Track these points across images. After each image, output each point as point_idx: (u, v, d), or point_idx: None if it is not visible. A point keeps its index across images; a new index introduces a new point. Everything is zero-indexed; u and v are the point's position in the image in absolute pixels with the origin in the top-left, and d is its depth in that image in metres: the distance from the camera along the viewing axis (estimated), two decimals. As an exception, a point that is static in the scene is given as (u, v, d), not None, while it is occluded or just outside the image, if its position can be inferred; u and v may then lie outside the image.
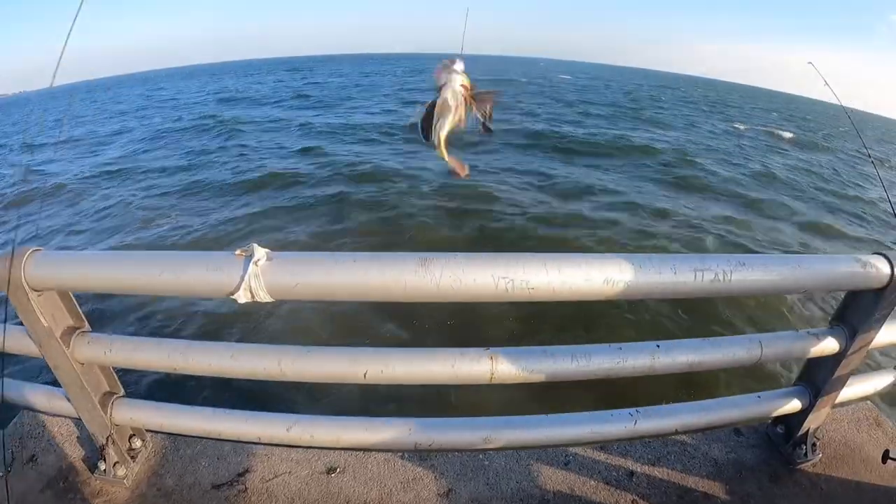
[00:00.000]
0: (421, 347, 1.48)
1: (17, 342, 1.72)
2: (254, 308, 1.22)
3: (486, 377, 1.46)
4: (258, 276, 1.21)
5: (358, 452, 1.88)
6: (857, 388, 1.99)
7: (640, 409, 1.78)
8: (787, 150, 22.87)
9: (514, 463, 1.92)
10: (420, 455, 1.90)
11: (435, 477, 1.84)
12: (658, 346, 1.58)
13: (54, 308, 1.57)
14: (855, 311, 1.66)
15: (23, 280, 1.45)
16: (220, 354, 1.49)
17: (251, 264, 1.21)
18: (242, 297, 1.24)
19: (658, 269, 1.30)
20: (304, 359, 1.45)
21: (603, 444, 2.00)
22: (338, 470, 1.84)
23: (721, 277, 1.33)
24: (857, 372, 1.90)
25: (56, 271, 1.46)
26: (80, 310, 1.63)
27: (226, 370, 1.49)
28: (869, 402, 2.29)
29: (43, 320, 1.53)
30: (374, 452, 1.89)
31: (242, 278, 1.22)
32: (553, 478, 1.89)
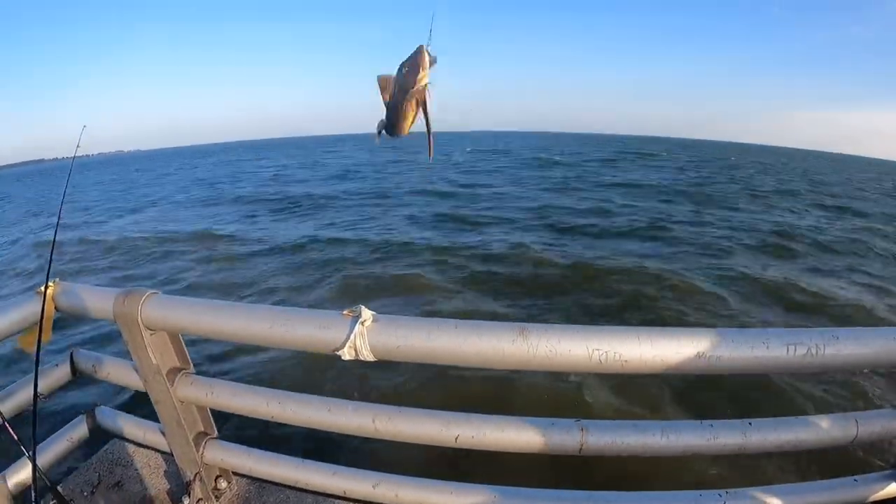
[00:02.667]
0: (512, 416, 1.51)
1: (124, 375, 1.88)
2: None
3: (576, 448, 1.47)
4: (363, 336, 1.29)
5: (437, 516, 1.90)
6: None
7: (729, 490, 1.72)
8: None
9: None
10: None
11: (513, 548, 1.83)
12: (750, 423, 1.53)
13: (164, 348, 1.71)
14: None
15: (139, 318, 1.60)
16: (317, 407, 1.58)
17: (358, 324, 1.30)
18: (347, 355, 1.32)
19: (751, 344, 1.27)
20: (397, 418, 1.51)
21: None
22: (415, 531, 1.86)
23: (814, 352, 1.29)
24: None
25: (170, 314, 1.60)
26: (186, 352, 1.77)
27: (321, 423, 1.57)
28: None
29: (153, 358, 1.68)
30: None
31: (348, 337, 1.30)
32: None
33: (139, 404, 2.25)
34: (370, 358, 1.32)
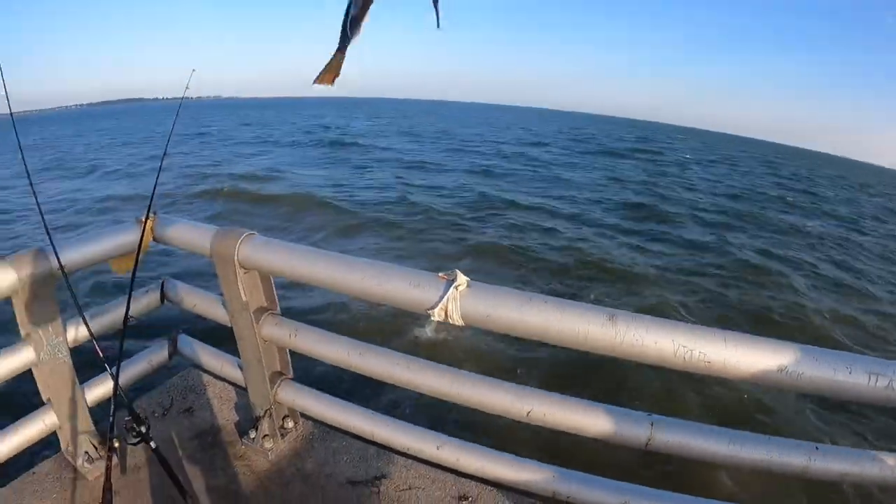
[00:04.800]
0: (585, 399, 1.54)
1: (211, 308, 2.00)
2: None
3: (642, 442, 1.48)
4: (456, 301, 1.34)
5: (491, 488, 1.95)
6: None
7: None
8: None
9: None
10: (551, 505, 1.93)
11: (561, 530, 1.87)
12: (817, 448, 1.51)
13: (254, 287, 1.82)
14: None
15: (235, 257, 1.70)
16: (398, 364, 1.65)
17: (452, 288, 1.34)
18: (437, 316, 1.37)
19: (833, 366, 1.24)
20: (475, 385, 1.57)
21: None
22: (469, 499, 1.93)
23: (894, 385, 1.23)
24: None
25: (265, 256, 1.70)
26: (275, 294, 1.87)
27: (398, 379, 1.65)
28: None
29: (243, 295, 1.78)
30: (506, 492, 1.95)
31: (441, 299, 1.35)
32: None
33: (215, 339, 2.38)
34: (459, 322, 1.36)
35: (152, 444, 1.76)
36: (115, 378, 1.72)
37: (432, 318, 1.38)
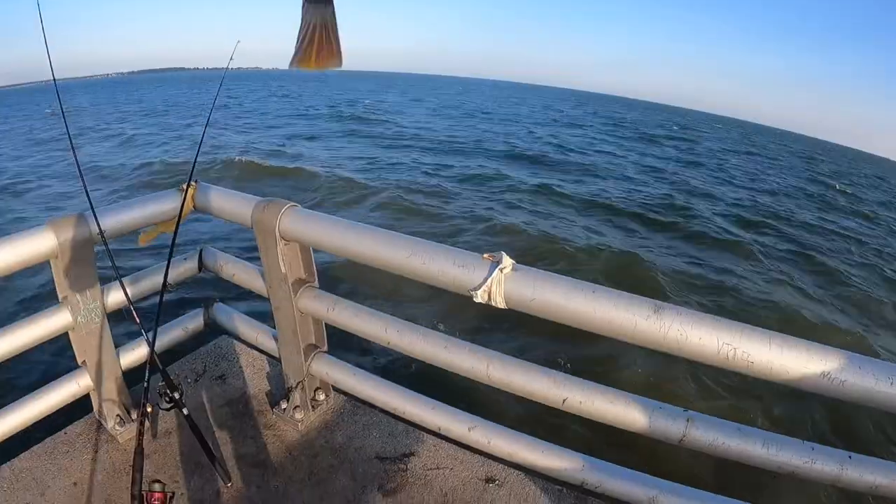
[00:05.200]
0: (622, 390, 1.53)
1: (249, 278, 2.02)
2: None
3: (678, 438, 1.47)
4: (500, 283, 1.33)
5: (520, 472, 1.96)
6: None
7: None
8: None
9: (668, 533, 1.89)
10: (578, 494, 1.93)
11: (586, 520, 1.87)
12: (850, 456, 1.48)
13: (294, 258, 1.83)
14: None
15: (276, 228, 1.71)
16: (435, 343, 1.65)
17: (497, 270, 1.33)
18: (479, 298, 1.36)
19: (876, 376, 1.21)
20: (511, 368, 1.57)
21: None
22: (496, 482, 1.94)
23: None
24: None
25: (307, 228, 1.71)
26: (314, 266, 1.88)
27: (436, 359, 1.65)
28: None
29: (282, 266, 1.79)
30: (534, 477, 1.95)
31: (485, 280, 1.34)
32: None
33: (248, 309, 2.42)
34: (502, 305, 1.35)
35: (185, 410, 1.80)
36: (151, 344, 1.76)
37: (475, 300, 1.37)
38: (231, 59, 2.25)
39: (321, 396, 2.16)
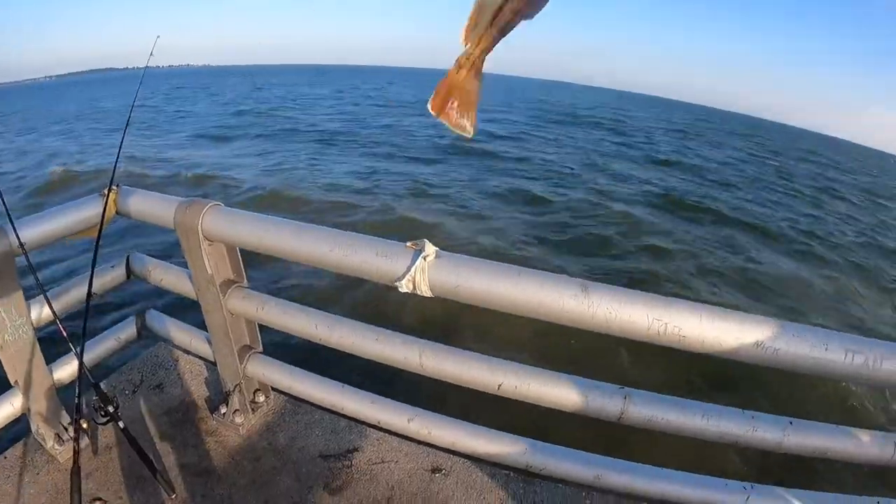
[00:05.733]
0: (557, 372, 1.52)
1: (178, 282, 1.96)
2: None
3: (616, 415, 1.48)
4: (424, 271, 1.31)
5: (465, 460, 1.96)
6: None
7: (755, 485, 1.72)
8: None
9: (615, 509, 1.92)
10: (525, 478, 1.93)
11: (535, 502, 1.88)
12: (791, 423, 1.51)
13: (220, 259, 1.77)
14: None
15: (199, 228, 1.65)
16: (366, 336, 1.62)
17: (420, 258, 1.31)
18: (404, 287, 1.33)
19: (811, 343, 1.23)
20: (444, 357, 1.55)
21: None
22: (442, 471, 1.93)
23: (870, 364, 1.23)
24: None
25: (230, 227, 1.65)
26: (242, 266, 1.83)
27: (367, 351, 1.62)
28: None
29: (208, 268, 1.73)
30: (480, 464, 1.95)
31: (409, 269, 1.31)
32: (653, 534, 1.86)
33: (187, 313, 2.35)
34: (428, 293, 1.33)
35: (121, 423, 1.73)
36: (80, 357, 1.68)
37: (400, 290, 1.35)
38: (151, 55, 2.16)
39: (261, 398, 2.11)
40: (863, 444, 1.53)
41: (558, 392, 1.49)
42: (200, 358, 2.33)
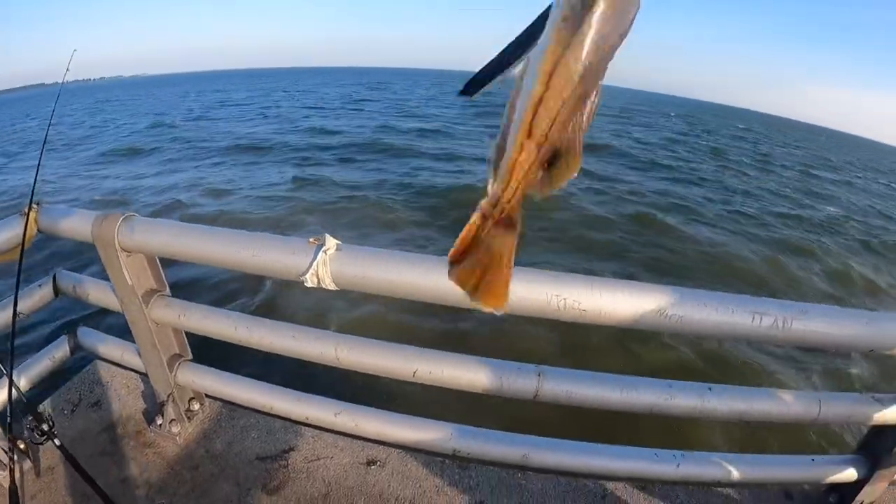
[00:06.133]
0: (471, 355, 1.58)
1: (104, 296, 1.96)
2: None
3: (531, 394, 1.53)
4: (326, 265, 1.35)
5: (400, 451, 2.01)
6: None
7: (685, 452, 1.79)
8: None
9: (550, 487, 1.98)
10: (460, 464, 1.99)
11: (470, 486, 1.93)
12: (710, 388, 1.57)
13: (140, 270, 1.78)
14: None
15: (115, 240, 1.66)
16: (283, 334, 1.65)
17: (321, 252, 1.35)
18: (309, 282, 1.38)
19: (715, 307, 1.29)
20: (359, 349, 1.59)
21: (644, 485, 2.02)
22: (378, 463, 1.97)
23: (780, 324, 1.30)
24: None
25: (146, 237, 1.66)
26: (163, 275, 1.84)
27: (285, 349, 1.65)
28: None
29: (128, 279, 1.75)
30: (415, 453, 2.00)
31: (312, 264, 1.35)
32: (588, 509, 1.93)
33: (122, 327, 2.35)
34: (332, 286, 1.37)
35: (56, 441, 1.74)
36: (10, 379, 1.68)
37: (306, 285, 1.39)
38: (67, 70, 2.16)
39: (196, 406, 2.12)
40: (787, 405, 1.60)
41: (472, 375, 1.54)
42: (135, 371, 2.33)
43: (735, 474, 1.78)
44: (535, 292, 1.29)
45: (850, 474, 1.81)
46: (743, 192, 17.26)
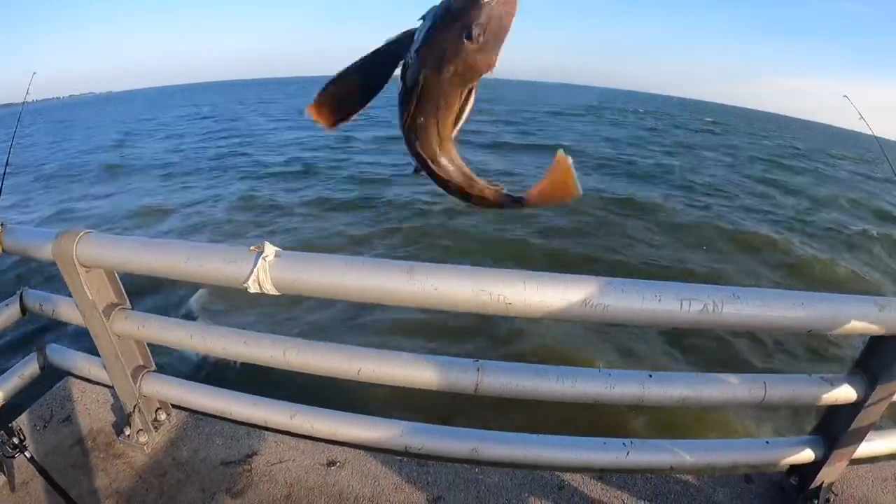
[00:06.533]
0: (413, 353, 1.66)
1: (68, 312, 2.03)
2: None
3: (472, 387, 1.60)
4: (266, 271, 1.43)
5: (360, 451, 2.08)
6: (882, 443, 1.94)
7: (634, 440, 1.85)
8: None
9: (507, 480, 2.05)
10: (419, 461, 2.06)
11: (427, 483, 2.01)
12: (650, 375, 1.63)
13: (100, 284, 1.86)
14: (875, 358, 1.64)
15: (74, 257, 1.73)
16: (235, 340, 1.73)
17: (261, 259, 1.43)
18: (252, 288, 1.45)
19: (641, 295, 1.35)
20: (306, 351, 1.67)
21: (601, 475, 2.08)
22: (337, 464, 2.05)
23: (710, 309, 1.36)
24: (885, 426, 1.88)
25: (103, 252, 1.74)
26: (122, 288, 1.92)
27: (238, 354, 1.73)
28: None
29: (88, 294, 1.82)
30: (373, 452, 2.07)
31: (252, 271, 1.43)
32: (544, 501, 1.99)
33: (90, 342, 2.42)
34: (273, 291, 1.45)
35: (27, 454, 1.80)
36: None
37: (249, 291, 1.46)
38: (27, 93, 2.23)
39: (162, 416, 2.19)
40: (732, 388, 1.65)
41: (414, 372, 1.62)
42: (104, 385, 2.39)
43: (686, 460, 1.84)
44: (459, 288, 1.37)
45: (807, 455, 1.86)
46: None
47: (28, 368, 2.30)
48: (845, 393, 1.66)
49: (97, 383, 2.40)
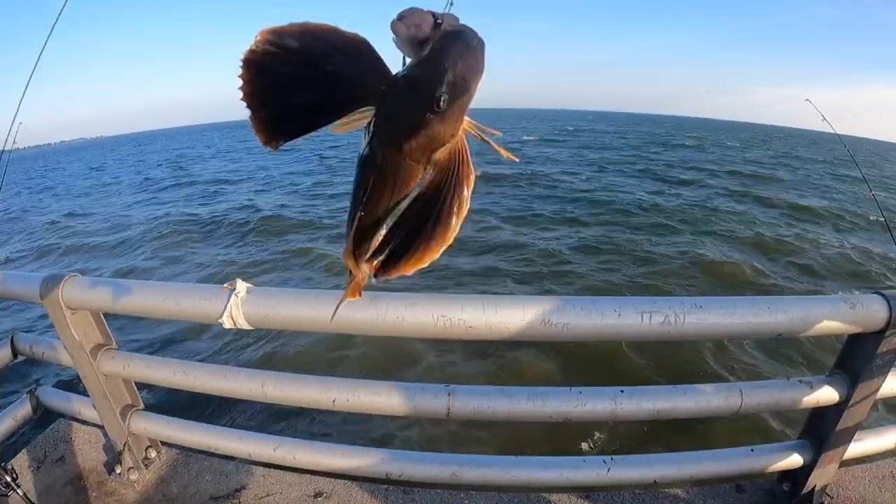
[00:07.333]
0: (386, 381, 1.71)
1: (57, 354, 2.09)
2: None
3: (444, 412, 1.65)
4: (238, 307, 1.50)
5: (346, 482, 2.12)
6: (874, 442, 1.95)
7: (614, 456, 1.88)
8: None
9: (492, 504, 2.08)
10: (404, 489, 2.10)
11: (413, 511, 2.04)
12: (622, 391, 1.67)
13: (86, 326, 1.93)
14: (854, 356, 1.67)
15: (60, 300, 1.80)
16: (215, 375, 1.80)
17: (233, 296, 1.50)
18: (226, 324, 1.52)
19: (601, 312, 1.40)
20: (283, 383, 1.73)
21: (587, 493, 2.10)
22: (324, 495, 2.09)
23: (672, 320, 1.40)
24: (872, 425, 1.89)
25: (87, 295, 1.81)
26: (108, 329, 1.99)
27: (219, 389, 1.79)
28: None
29: (75, 335, 1.89)
30: (359, 482, 2.11)
31: (225, 308, 1.50)
32: (532, 523, 2.02)
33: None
34: (246, 326, 1.52)
35: (20, 491, 1.85)
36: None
37: (224, 326, 1.53)
38: (14, 142, 2.31)
39: (153, 454, 2.24)
40: (707, 398, 1.68)
41: (387, 399, 1.68)
42: (94, 425, 2.44)
43: (668, 473, 1.87)
44: (421, 314, 1.43)
45: (795, 460, 1.88)
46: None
47: (20, 410, 2.37)
48: (827, 394, 1.69)
49: (88, 423, 2.46)
